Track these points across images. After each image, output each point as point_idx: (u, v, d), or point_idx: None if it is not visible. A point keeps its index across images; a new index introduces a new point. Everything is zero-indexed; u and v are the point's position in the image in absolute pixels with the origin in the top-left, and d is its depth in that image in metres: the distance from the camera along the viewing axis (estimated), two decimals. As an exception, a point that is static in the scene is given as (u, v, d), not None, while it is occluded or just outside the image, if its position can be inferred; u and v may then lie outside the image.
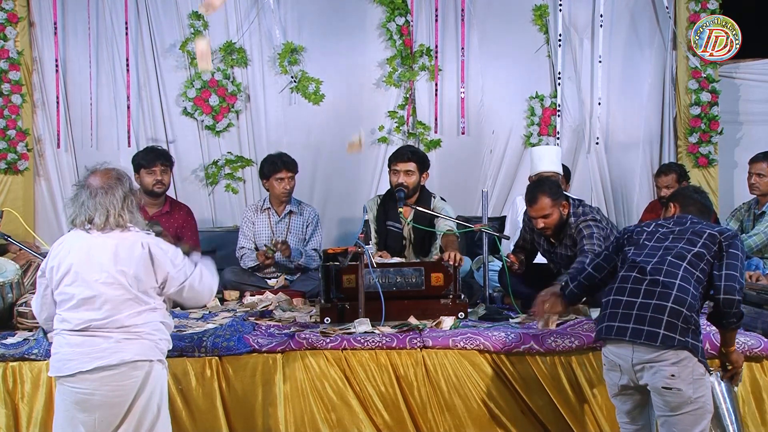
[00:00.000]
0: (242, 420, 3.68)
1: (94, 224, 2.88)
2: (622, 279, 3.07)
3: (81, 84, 6.45)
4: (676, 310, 2.90)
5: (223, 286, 5.13)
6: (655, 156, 6.68)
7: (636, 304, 2.96)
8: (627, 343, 2.94)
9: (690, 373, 2.88)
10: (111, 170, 2.99)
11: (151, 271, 2.88)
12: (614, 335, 2.97)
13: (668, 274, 2.98)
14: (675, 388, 2.87)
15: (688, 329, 2.90)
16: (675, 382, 2.87)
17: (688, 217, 3.22)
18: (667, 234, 3.14)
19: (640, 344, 2.90)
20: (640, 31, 6.62)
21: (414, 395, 3.69)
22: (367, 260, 4.03)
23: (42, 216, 6.46)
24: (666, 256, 3.04)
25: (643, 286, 2.98)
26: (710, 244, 3.05)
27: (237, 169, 6.57)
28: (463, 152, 6.63)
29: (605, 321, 3.03)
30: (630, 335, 2.92)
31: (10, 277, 4.11)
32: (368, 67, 6.60)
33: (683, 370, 2.87)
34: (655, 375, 2.90)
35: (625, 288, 3.03)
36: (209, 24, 6.46)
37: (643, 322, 2.91)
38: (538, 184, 4.43)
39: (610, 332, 2.99)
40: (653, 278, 2.98)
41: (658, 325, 2.89)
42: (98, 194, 2.89)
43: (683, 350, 2.88)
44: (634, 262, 3.08)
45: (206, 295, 3.09)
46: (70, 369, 2.81)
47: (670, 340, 2.87)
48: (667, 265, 3.00)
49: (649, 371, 2.91)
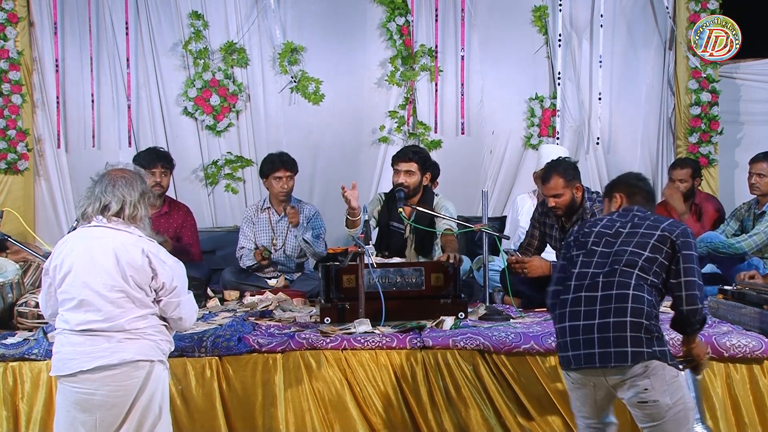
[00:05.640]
0: (242, 420, 3.68)
1: (108, 212, 2.87)
2: (574, 302, 2.90)
3: (81, 84, 6.45)
4: (637, 323, 2.79)
5: (223, 286, 5.14)
6: (653, 156, 6.69)
7: (595, 327, 2.82)
8: (598, 369, 2.83)
9: (663, 381, 2.79)
10: (131, 168, 3.05)
11: (149, 279, 2.87)
12: (584, 364, 2.84)
13: (621, 285, 2.84)
14: (651, 401, 2.79)
15: (652, 338, 2.80)
16: (650, 395, 2.78)
17: (633, 209, 3.06)
18: (616, 235, 2.97)
19: (612, 367, 2.79)
20: (640, 32, 6.62)
21: (414, 395, 3.69)
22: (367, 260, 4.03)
23: (42, 216, 6.46)
24: (616, 264, 2.88)
25: (598, 306, 2.84)
26: (660, 245, 2.88)
27: (237, 169, 6.57)
28: (463, 152, 6.63)
29: (569, 350, 2.88)
30: (599, 361, 2.80)
31: (10, 277, 4.11)
32: (368, 67, 6.60)
33: (656, 380, 2.78)
34: (629, 391, 2.81)
35: (578, 312, 2.88)
36: (209, 24, 6.47)
37: (608, 344, 2.79)
38: (554, 164, 4.50)
39: (579, 362, 2.85)
40: (606, 294, 2.85)
41: (623, 343, 2.78)
42: (118, 183, 2.90)
43: (653, 360, 2.78)
44: (583, 276, 2.92)
45: (190, 321, 3.04)
46: (71, 368, 2.81)
47: (639, 356, 2.77)
48: (618, 276, 2.86)
49: (622, 387, 2.82)
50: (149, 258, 2.86)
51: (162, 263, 2.90)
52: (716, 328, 3.87)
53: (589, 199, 4.47)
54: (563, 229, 4.57)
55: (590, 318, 2.84)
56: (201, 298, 4.68)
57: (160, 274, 2.88)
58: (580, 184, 4.47)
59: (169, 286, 2.90)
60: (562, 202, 4.42)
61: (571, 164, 4.54)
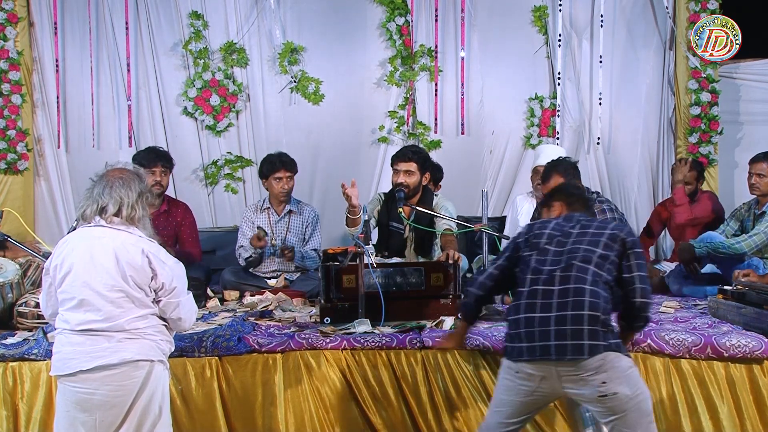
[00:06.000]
0: (242, 420, 3.69)
1: (106, 213, 2.88)
2: (530, 294, 2.90)
3: (81, 84, 6.45)
4: (594, 316, 2.79)
5: (223, 286, 5.14)
6: (653, 156, 6.69)
7: (552, 319, 2.82)
8: (552, 362, 2.81)
9: (620, 372, 2.79)
10: (131, 168, 3.05)
11: (149, 279, 2.87)
12: (539, 356, 2.82)
13: (577, 280, 2.86)
14: (610, 394, 2.77)
15: (608, 332, 2.81)
16: (608, 387, 2.77)
17: (576, 215, 3.11)
18: (567, 235, 3.00)
19: (568, 360, 2.78)
20: (640, 32, 6.63)
21: (414, 395, 3.69)
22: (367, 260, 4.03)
23: (42, 216, 6.46)
24: (572, 260, 2.90)
25: (555, 299, 2.85)
26: (612, 243, 2.93)
27: (236, 169, 6.57)
28: (463, 152, 6.63)
29: (522, 341, 2.85)
30: (555, 353, 2.79)
31: (10, 277, 4.11)
32: (368, 67, 6.61)
33: (613, 372, 2.78)
34: (586, 388, 2.80)
35: (535, 304, 2.87)
36: (209, 24, 6.47)
37: (565, 337, 2.78)
38: (554, 164, 4.51)
39: (533, 354, 2.82)
40: (563, 288, 2.86)
41: (580, 336, 2.77)
42: (115, 185, 2.91)
43: (608, 352, 2.78)
44: (539, 271, 2.93)
45: (189, 322, 3.04)
46: (71, 368, 2.81)
47: (596, 349, 2.76)
48: (575, 271, 2.88)
49: (578, 384, 2.80)
50: (149, 258, 2.86)
51: (162, 264, 2.90)
52: (716, 328, 3.86)
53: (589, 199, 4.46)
54: None
55: (547, 311, 2.85)
56: (201, 298, 4.68)
57: (159, 275, 2.88)
58: (580, 184, 4.47)
59: (168, 286, 2.91)
60: None
61: (571, 164, 4.54)
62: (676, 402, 3.63)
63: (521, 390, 2.90)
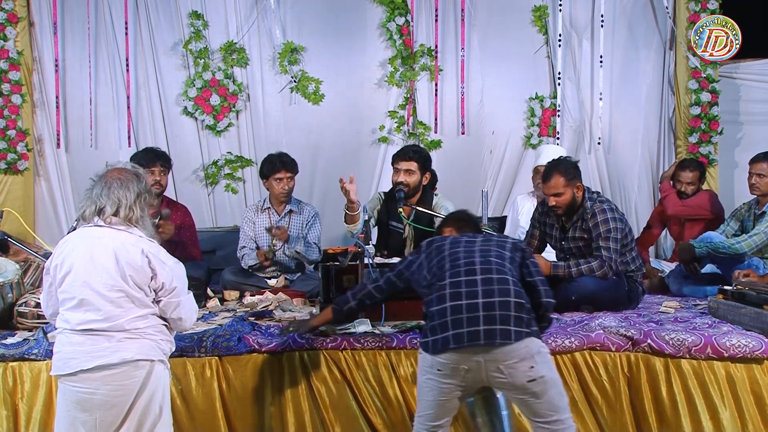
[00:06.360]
0: (242, 420, 3.68)
1: (104, 215, 2.88)
2: (453, 284, 2.91)
3: (80, 84, 6.46)
4: (519, 303, 2.86)
5: (223, 286, 5.14)
6: (653, 156, 6.70)
7: (480, 305, 2.84)
8: (480, 348, 2.81)
9: (543, 355, 2.88)
10: (130, 168, 3.03)
11: (148, 279, 2.87)
12: (467, 342, 2.80)
13: (499, 271, 2.93)
14: (538, 377, 2.83)
15: (531, 318, 2.88)
16: (535, 371, 2.82)
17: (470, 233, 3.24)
18: (471, 243, 3.07)
19: (498, 345, 2.80)
20: (640, 32, 6.63)
21: (414, 395, 3.68)
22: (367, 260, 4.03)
23: (42, 216, 6.47)
24: (487, 255, 2.98)
25: (480, 287, 2.88)
26: (515, 250, 3.07)
27: (237, 169, 6.57)
28: (463, 152, 6.64)
29: (449, 330, 2.84)
30: (484, 338, 2.80)
31: (10, 277, 4.11)
32: (368, 67, 6.61)
33: (539, 357, 2.85)
34: (515, 373, 2.82)
35: (460, 292, 2.88)
36: (209, 24, 6.47)
37: (494, 322, 2.81)
38: (555, 163, 4.52)
39: (461, 340, 2.80)
40: (486, 277, 2.90)
41: (507, 322, 2.81)
42: (113, 185, 2.90)
43: (532, 338, 2.86)
44: (457, 264, 2.96)
45: (189, 321, 3.04)
46: (72, 367, 2.81)
47: (521, 335, 2.81)
48: (494, 265, 2.95)
49: (506, 371, 2.82)
50: (149, 258, 2.86)
51: (161, 264, 2.90)
52: (716, 328, 3.85)
53: (590, 199, 4.47)
54: (563, 229, 4.58)
55: (473, 297, 2.87)
56: (201, 298, 4.68)
57: (159, 275, 2.88)
58: (581, 184, 4.48)
59: (168, 286, 2.91)
60: (563, 202, 4.43)
61: (572, 163, 4.54)
62: (676, 402, 3.62)
63: (445, 388, 2.91)
